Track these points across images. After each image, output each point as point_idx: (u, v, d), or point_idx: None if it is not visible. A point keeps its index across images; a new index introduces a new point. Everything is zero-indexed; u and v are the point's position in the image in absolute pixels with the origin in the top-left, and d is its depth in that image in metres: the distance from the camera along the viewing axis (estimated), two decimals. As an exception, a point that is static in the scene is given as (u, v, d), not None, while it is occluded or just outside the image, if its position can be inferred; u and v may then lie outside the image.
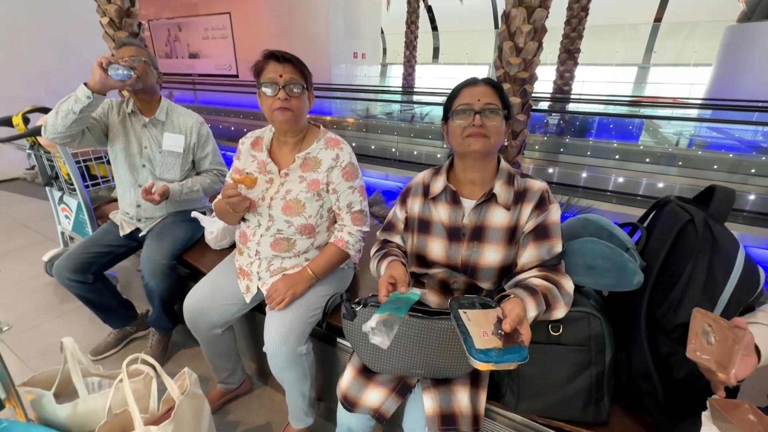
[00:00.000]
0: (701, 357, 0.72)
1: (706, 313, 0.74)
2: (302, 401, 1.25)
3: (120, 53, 1.50)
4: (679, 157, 5.45)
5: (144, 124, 1.58)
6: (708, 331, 0.72)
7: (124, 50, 1.51)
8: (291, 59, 1.11)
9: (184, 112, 1.66)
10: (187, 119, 1.64)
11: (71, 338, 1.11)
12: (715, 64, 8.80)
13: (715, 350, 0.70)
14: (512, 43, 2.79)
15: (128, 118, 1.59)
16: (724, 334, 0.70)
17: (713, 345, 0.71)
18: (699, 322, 0.74)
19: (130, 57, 1.48)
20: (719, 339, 0.70)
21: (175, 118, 1.63)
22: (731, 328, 0.69)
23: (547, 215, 0.92)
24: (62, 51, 4.59)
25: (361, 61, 11.69)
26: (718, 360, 0.69)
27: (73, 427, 1.07)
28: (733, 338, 0.69)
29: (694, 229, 0.84)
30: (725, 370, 0.68)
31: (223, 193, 1.13)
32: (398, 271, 0.89)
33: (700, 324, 0.74)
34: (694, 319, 0.75)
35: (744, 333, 0.67)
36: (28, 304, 2.14)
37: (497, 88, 0.92)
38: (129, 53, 1.49)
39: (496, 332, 0.70)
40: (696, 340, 0.73)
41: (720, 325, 0.71)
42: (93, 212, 1.99)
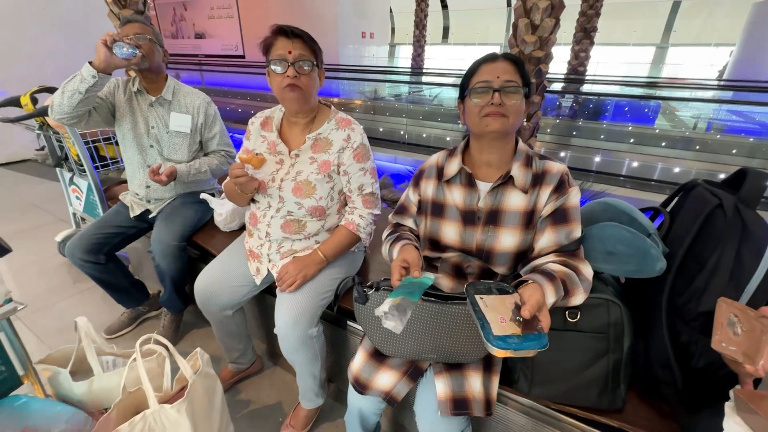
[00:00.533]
0: (727, 348, 0.69)
1: (732, 302, 0.71)
2: (313, 382, 1.26)
3: (124, 30, 1.46)
4: (697, 141, 5.29)
5: (150, 103, 1.56)
6: (734, 322, 0.69)
7: (129, 27, 1.46)
8: (301, 35, 1.07)
9: (191, 91, 1.63)
10: (194, 98, 1.61)
11: (85, 318, 1.12)
12: (740, 43, 8.42)
13: (742, 341, 0.67)
14: (528, 20, 2.67)
15: (134, 97, 1.56)
16: (752, 324, 0.67)
17: (740, 336, 0.68)
18: (724, 312, 0.71)
19: (135, 35, 1.44)
20: (746, 329, 0.67)
21: (182, 98, 1.60)
22: (759, 318, 0.66)
23: (567, 199, 0.89)
24: (68, 30, 4.54)
25: (369, 41, 11.43)
26: (746, 351, 0.67)
27: (89, 404, 1.09)
28: (761, 328, 0.66)
29: (722, 215, 0.80)
30: (753, 361, 0.65)
31: (231, 173, 1.11)
32: (411, 254, 0.87)
33: (725, 314, 0.71)
34: (719, 309, 0.72)
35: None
36: (42, 283, 2.18)
37: (518, 64, 0.87)
38: (134, 30, 1.46)
39: (514, 318, 0.68)
40: (722, 330, 0.71)
41: (747, 315, 0.68)
42: (103, 193, 1.99)
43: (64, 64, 4.51)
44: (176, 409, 0.97)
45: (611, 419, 0.87)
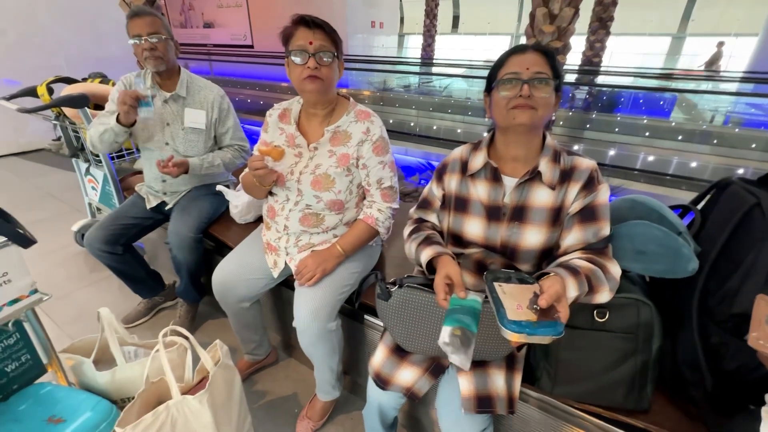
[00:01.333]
0: (765, 346, 0.67)
1: None
2: (330, 375, 1.27)
3: (134, 25, 1.42)
4: (714, 134, 5.16)
5: (165, 100, 1.54)
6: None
7: (139, 23, 1.42)
8: (322, 25, 1.04)
9: (205, 84, 1.61)
10: (208, 93, 1.59)
11: (107, 308, 1.13)
12: (763, 33, 8.16)
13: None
14: (546, 9, 2.61)
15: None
16: None
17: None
18: (763, 309, 0.69)
19: (147, 34, 1.41)
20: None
21: (196, 93, 1.57)
22: None
23: (596, 196, 0.86)
24: (80, 19, 4.55)
25: (378, 30, 11.28)
26: None
27: (112, 393, 1.11)
28: None
29: (761, 214, 0.78)
30: None
31: (250, 165, 1.10)
32: (453, 269, 0.84)
33: (764, 312, 0.69)
34: (757, 306, 0.70)
35: None
36: (60, 272, 2.21)
37: (549, 56, 0.84)
38: (146, 29, 1.42)
39: (531, 307, 0.68)
40: (760, 327, 0.69)
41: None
42: (119, 184, 2.00)
43: (76, 53, 4.54)
44: (198, 400, 0.98)
45: (637, 420, 0.85)
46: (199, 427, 0.99)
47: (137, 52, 1.45)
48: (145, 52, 1.43)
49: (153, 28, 1.44)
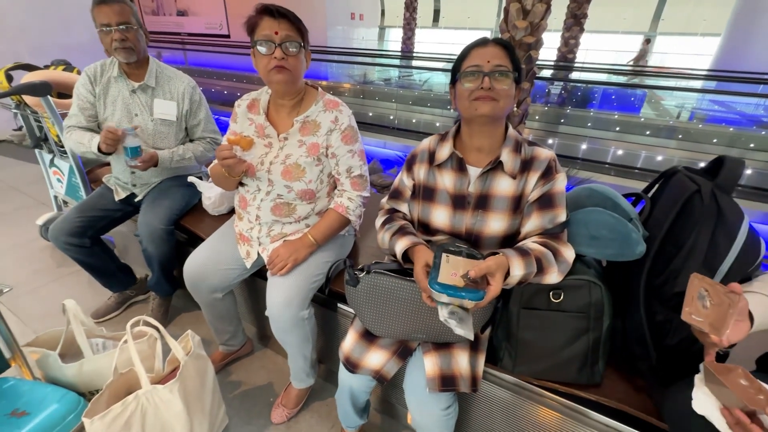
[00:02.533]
0: (696, 319, 0.74)
1: (703, 278, 0.75)
2: (304, 363, 1.29)
3: (102, 16, 1.35)
4: (680, 130, 5.40)
5: (133, 89, 1.48)
6: (704, 296, 0.73)
7: (107, 11, 1.35)
8: (287, 14, 1.04)
9: (175, 74, 1.56)
10: (178, 84, 1.54)
11: (73, 300, 1.11)
12: (725, 33, 8.54)
13: (710, 313, 0.72)
14: (519, 5, 2.66)
15: (113, 82, 1.48)
16: (720, 298, 0.71)
17: (708, 309, 0.72)
18: (696, 286, 0.75)
19: (117, 24, 1.35)
20: (715, 303, 0.72)
21: (165, 83, 1.52)
22: (727, 293, 0.70)
23: (553, 184, 0.91)
24: (42, 4, 4.31)
25: (358, 22, 11.18)
26: (712, 323, 0.71)
27: (80, 385, 1.09)
28: (728, 303, 0.70)
29: (700, 200, 0.84)
30: (718, 332, 0.70)
31: (218, 155, 1.08)
32: (430, 258, 0.87)
33: (696, 288, 0.75)
34: (691, 284, 0.76)
35: (739, 298, 0.69)
36: (26, 267, 2.14)
37: (509, 49, 0.88)
38: (115, 18, 1.35)
39: (465, 276, 0.76)
40: (692, 303, 0.75)
41: (716, 289, 0.72)
42: (86, 176, 1.94)
43: (38, 39, 4.31)
44: (168, 389, 0.99)
45: (589, 393, 0.91)
46: (170, 417, 1.00)
47: (105, 41, 1.39)
48: (114, 42, 1.37)
49: (123, 17, 1.37)
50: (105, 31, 1.37)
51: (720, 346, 0.71)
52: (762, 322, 0.77)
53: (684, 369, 0.85)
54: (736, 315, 0.69)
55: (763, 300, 0.78)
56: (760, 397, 0.65)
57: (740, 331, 0.73)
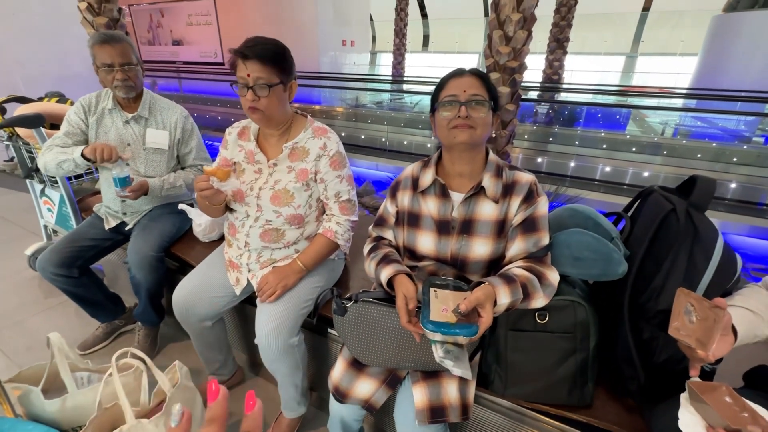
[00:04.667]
0: (682, 335, 0.74)
1: (689, 292, 0.76)
2: (295, 391, 1.26)
3: (105, 56, 1.39)
4: (665, 146, 5.55)
5: (126, 120, 1.52)
6: (690, 311, 0.74)
7: (110, 52, 1.39)
8: (257, 56, 1.04)
9: (168, 105, 1.60)
10: (171, 114, 1.58)
11: (57, 333, 1.10)
12: (701, 53, 8.91)
13: (696, 328, 0.73)
14: (502, 31, 2.77)
15: (107, 114, 1.52)
16: (706, 313, 0.72)
17: (694, 323, 0.73)
18: (682, 301, 0.76)
19: (120, 64, 1.40)
20: (700, 318, 0.73)
21: (158, 113, 1.56)
22: (712, 308, 0.71)
23: (535, 208, 0.93)
24: (39, 37, 4.41)
25: (350, 48, 11.52)
26: (699, 338, 0.72)
27: (62, 422, 1.06)
28: (713, 318, 0.71)
29: (676, 219, 0.86)
30: (704, 347, 0.70)
31: (195, 186, 1.09)
32: (408, 288, 0.88)
33: (683, 303, 0.76)
34: (677, 298, 0.77)
35: (724, 313, 0.70)
36: (12, 299, 2.10)
37: (484, 79, 0.92)
38: (118, 59, 1.40)
39: (455, 311, 0.76)
40: (679, 318, 0.76)
41: (702, 304, 0.73)
42: (77, 205, 1.94)
43: (35, 72, 4.38)
44: (154, 423, 0.96)
45: (581, 415, 0.91)
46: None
47: (105, 79, 1.44)
48: (115, 81, 1.42)
49: (125, 58, 1.42)
50: (106, 70, 1.42)
51: (706, 360, 0.72)
52: (745, 336, 0.78)
53: (673, 387, 0.85)
54: (721, 330, 0.70)
55: (745, 314, 0.80)
56: (744, 414, 0.65)
57: (725, 346, 0.74)
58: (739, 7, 7.79)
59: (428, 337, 0.76)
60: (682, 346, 0.77)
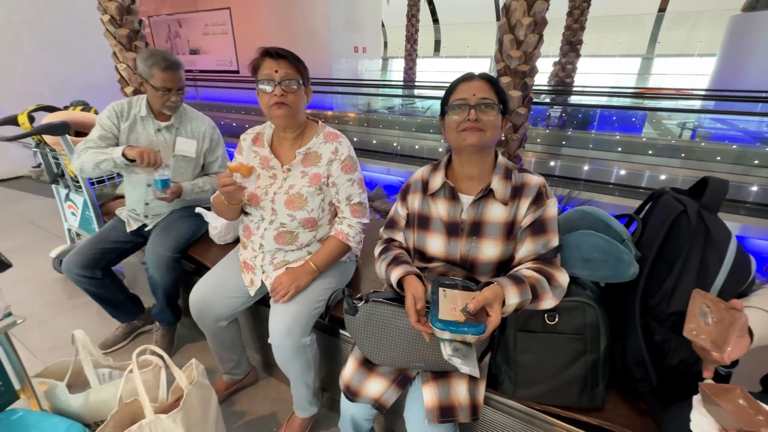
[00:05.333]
0: (698, 337, 0.74)
1: (705, 294, 0.75)
2: (306, 391, 1.29)
3: (165, 81, 1.48)
4: (683, 148, 5.42)
5: (158, 128, 1.60)
6: (706, 312, 0.74)
7: (171, 78, 1.49)
8: (286, 55, 1.12)
9: (197, 116, 1.69)
10: (200, 124, 1.66)
11: (82, 330, 1.14)
12: (719, 54, 8.70)
13: (712, 330, 0.72)
14: (512, 36, 2.78)
15: (141, 121, 1.59)
16: (722, 315, 0.72)
17: (710, 325, 0.72)
18: (698, 303, 0.76)
19: (177, 90, 1.51)
20: (716, 320, 0.72)
21: (188, 123, 1.65)
22: (728, 310, 0.71)
23: (544, 210, 0.94)
24: (64, 49, 4.61)
25: (361, 55, 11.63)
26: (714, 339, 0.71)
27: (85, 416, 1.11)
28: (729, 319, 0.70)
29: (687, 220, 0.86)
30: (720, 349, 0.70)
31: (219, 182, 1.12)
32: (417, 289, 0.90)
33: (698, 305, 0.75)
34: (693, 300, 0.76)
35: (741, 315, 0.69)
36: (37, 299, 2.19)
37: (493, 83, 0.93)
38: (176, 84, 1.50)
39: (464, 310, 0.77)
40: (694, 320, 0.75)
41: (718, 306, 0.72)
42: (99, 209, 2.02)
43: (59, 82, 4.58)
44: (172, 419, 0.99)
45: (591, 418, 0.90)
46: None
47: (157, 99, 1.51)
48: (168, 103, 1.52)
49: (182, 83, 1.54)
50: (163, 93, 1.50)
51: (721, 363, 0.71)
52: (761, 338, 0.77)
53: (685, 390, 0.84)
54: (737, 332, 0.70)
55: (762, 316, 0.79)
56: (759, 417, 0.64)
57: (741, 348, 0.73)
58: (759, 6, 7.59)
59: (437, 336, 0.77)
60: (697, 348, 0.76)
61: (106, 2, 3.37)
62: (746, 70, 7.73)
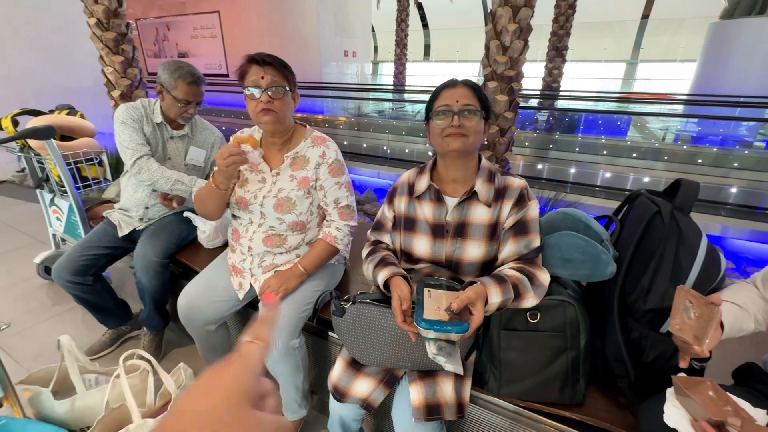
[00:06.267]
0: (682, 331, 0.76)
1: (688, 290, 0.78)
2: (295, 393, 1.29)
3: (188, 93, 1.50)
4: (665, 152, 5.56)
5: (171, 136, 1.63)
6: (689, 307, 0.77)
7: (195, 92, 1.52)
8: (272, 62, 1.12)
9: (206, 126, 1.73)
10: (209, 135, 1.72)
11: (68, 336, 1.13)
12: (699, 60, 8.95)
13: (694, 324, 0.75)
14: (499, 41, 2.83)
15: (156, 128, 1.61)
16: (702, 309, 0.75)
17: (692, 320, 0.76)
18: (681, 298, 0.79)
19: (196, 103, 1.54)
20: (698, 315, 0.75)
21: (199, 132, 1.70)
22: (707, 305, 0.74)
23: (526, 212, 0.97)
24: (48, 51, 4.54)
25: (351, 59, 11.68)
26: (696, 334, 0.75)
27: (71, 422, 1.10)
28: (708, 314, 0.74)
29: (661, 220, 0.90)
30: (700, 342, 0.73)
31: (226, 152, 1.06)
32: (403, 290, 0.91)
33: (682, 300, 0.79)
34: (677, 296, 0.79)
35: (718, 309, 0.73)
36: (21, 306, 2.14)
37: (476, 90, 0.96)
38: (197, 98, 1.54)
39: (448, 309, 0.79)
40: (679, 315, 0.78)
41: (699, 301, 0.75)
42: (85, 214, 2.00)
43: (43, 85, 4.50)
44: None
45: (573, 413, 0.93)
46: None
47: (176, 109, 1.53)
48: (185, 114, 1.55)
49: (202, 97, 1.56)
50: (183, 106, 1.52)
51: (702, 355, 0.75)
52: (731, 329, 0.81)
53: (662, 385, 0.87)
54: (715, 325, 0.73)
55: (732, 308, 0.83)
56: (727, 408, 0.68)
57: (715, 340, 0.76)
58: (736, 14, 7.85)
59: (422, 335, 0.79)
60: (678, 341, 0.79)
61: (92, 5, 3.34)
62: (725, 75, 7.97)
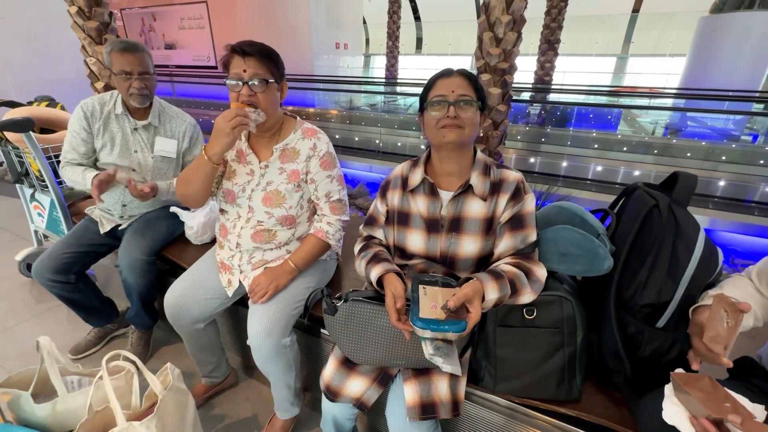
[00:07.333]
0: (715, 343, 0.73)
1: (725, 297, 0.74)
2: (288, 392, 1.26)
3: (124, 64, 1.38)
4: (655, 145, 5.61)
5: (135, 127, 1.51)
6: (723, 317, 0.73)
7: (130, 60, 1.39)
8: (253, 53, 1.05)
9: (176, 114, 1.60)
10: (180, 123, 1.59)
11: (47, 337, 1.09)
12: (689, 54, 9.01)
13: (725, 335, 0.72)
14: (492, 33, 2.80)
15: (114, 119, 1.50)
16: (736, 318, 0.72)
17: (725, 330, 0.72)
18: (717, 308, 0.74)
19: (138, 73, 1.40)
20: (731, 325, 0.72)
21: (167, 122, 1.57)
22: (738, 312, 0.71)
23: (523, 205, 0.95)
24: (28, 41, 4.38)
25: (343, 51, 11.52)
26: (726, 344, 0.72)
27: (53, 426, 1.06)
28: (735, 321, 0.72)
29: (659, 214, 0.88)
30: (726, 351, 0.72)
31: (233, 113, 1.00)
32: (396, 287, 0.88)
33: (718, 310, 0.74)
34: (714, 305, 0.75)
35: (743, 316, 0.71)
36: (2, 305, 2.08)
37: (471, 79, 0.93)
38: (137, 68, 1.40)
39: (444, 307, 0.77)
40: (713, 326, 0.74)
41: (734, 309, 0.72)
42: (67, 209, 1.93)
43: (24, 76, 4.35)
44: (145, 426, 0.96)
45: (569, 409, 0.92)
46: (147, 454, 0.97)
47: (121, 86, 1.43)
48: (132, 89, 1.42)
49: (144, 67, 1.43)
50: (124, 77, 1.41)
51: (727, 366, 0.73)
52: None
53: (658, 380, 0.86)
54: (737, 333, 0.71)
55: None
56: (726, 404, 0.67)
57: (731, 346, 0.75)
58: (726, 9, 7.90)
59: (418, 335, 0.76)
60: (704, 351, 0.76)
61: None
62: (714, 70, 8.03)
